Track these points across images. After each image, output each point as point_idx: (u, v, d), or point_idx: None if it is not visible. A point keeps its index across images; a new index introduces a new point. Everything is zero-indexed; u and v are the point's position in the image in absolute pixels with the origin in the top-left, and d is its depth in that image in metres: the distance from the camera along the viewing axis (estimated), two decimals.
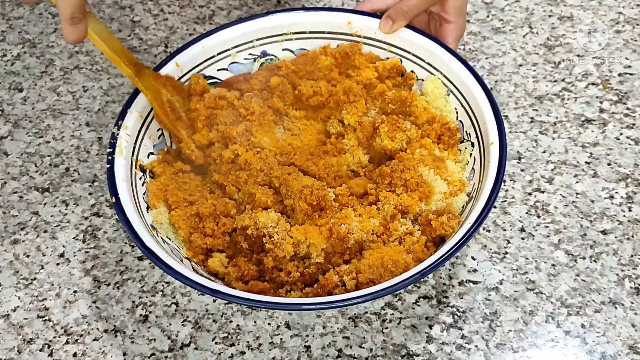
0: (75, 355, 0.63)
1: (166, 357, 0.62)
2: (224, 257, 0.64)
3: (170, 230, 0.65)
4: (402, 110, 0.71)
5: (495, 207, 0.71)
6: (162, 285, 0.67)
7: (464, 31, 0.75)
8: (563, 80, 0.82)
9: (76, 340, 0.64)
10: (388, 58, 0.74)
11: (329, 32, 0.75)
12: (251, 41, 0.75)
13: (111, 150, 0.64)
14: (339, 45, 0.75)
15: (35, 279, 0.68)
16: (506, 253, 0.68)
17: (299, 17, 0.75)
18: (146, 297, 0.66)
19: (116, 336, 0.64)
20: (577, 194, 0.72)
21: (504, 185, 0.73)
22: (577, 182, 0.73)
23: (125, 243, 0.70)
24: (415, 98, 0.71)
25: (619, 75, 0.82)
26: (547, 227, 0.69)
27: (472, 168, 0.66)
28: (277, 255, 0.61)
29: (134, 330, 0.64)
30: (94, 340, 0.64)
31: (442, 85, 0.71)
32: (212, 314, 0.65)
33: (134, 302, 0.66)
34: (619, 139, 0.76)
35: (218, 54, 0.74)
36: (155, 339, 0.63)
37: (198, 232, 0.64)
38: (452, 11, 0.72)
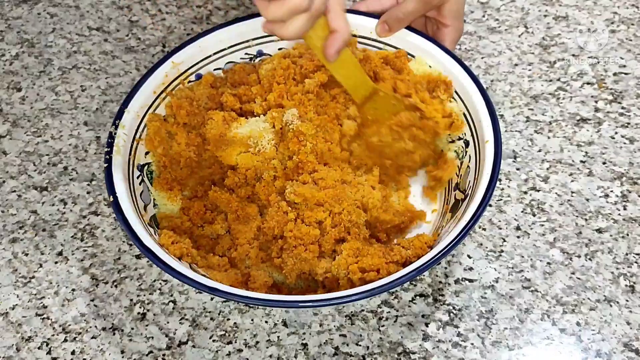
0: (73, 353, 0.63)
1: (164, 355, 0.62)
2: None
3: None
4: (394, 67, 0.71)
5: (490, 205, 0.71)
6: (160, 283, 0.67)
7: (461, 34, 0.75)
8: (558, 79, 0.83)
9: (74, 338, 0.64)
10: None
11: None
12: (247, 41, 0.75)
13: (109, 149, 0.64)
14: None
15: (33, 277, 0.68)
16: (502, 251, 0.68)
17: None
18: (144, 295, 0.66)
19: (114, 334, 0.64)
20: (572, 192, 0.72)
21: (500, 184, 0.73)
22: (572, 181, 0.73)
23: (123, 241, 0.71)
24: (406, 62, 0.72)
25: (614, 74, 0.82)
26: (542, 225, 0.70)
27: (468, 166, 0.66)
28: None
29: (132, 328, 0.64)
30: (92, 338, 0.64)
31: (426, 64, 0.71)
32: (210, 312, 0.65)
33: (131, 300, 0.66)
34: (613, 138, 0.76)
35: (214, 53, 0.74)
36: (153, 337, 0.64)
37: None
38: (449, 15, 0.72)
